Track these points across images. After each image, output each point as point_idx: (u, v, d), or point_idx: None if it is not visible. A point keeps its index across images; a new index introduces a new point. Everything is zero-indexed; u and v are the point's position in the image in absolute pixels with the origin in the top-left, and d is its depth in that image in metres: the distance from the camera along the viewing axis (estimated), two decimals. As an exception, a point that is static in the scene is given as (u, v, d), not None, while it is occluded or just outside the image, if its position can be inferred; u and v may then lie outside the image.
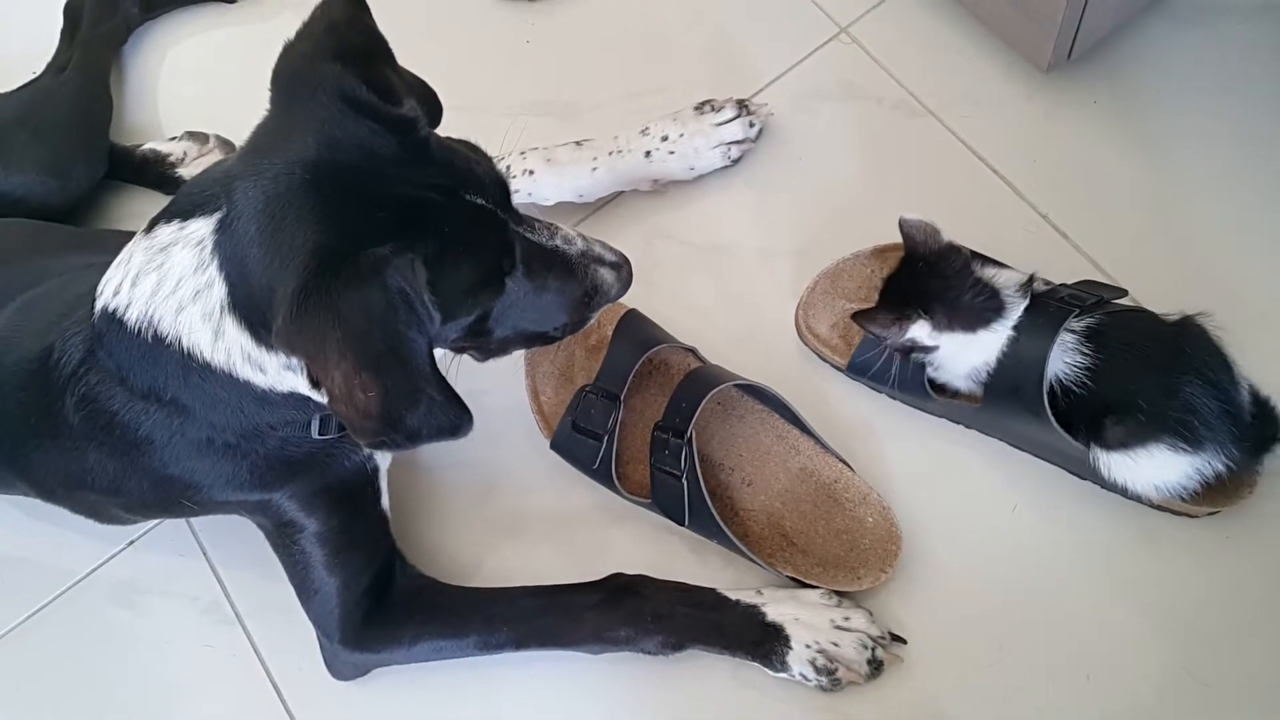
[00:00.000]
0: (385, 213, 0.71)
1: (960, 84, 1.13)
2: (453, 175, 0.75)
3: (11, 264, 0.98)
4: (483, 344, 0.83)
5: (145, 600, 1.04)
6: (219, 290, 0.74)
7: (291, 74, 0.74)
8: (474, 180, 0.76)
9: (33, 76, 1.22)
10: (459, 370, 1.05)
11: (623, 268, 0.84)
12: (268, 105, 0.76)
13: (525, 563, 1.00)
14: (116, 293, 0.79)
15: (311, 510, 0.90)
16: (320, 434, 0.87)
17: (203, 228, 0.74)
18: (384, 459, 0.96)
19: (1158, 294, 0.97)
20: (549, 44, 1.22)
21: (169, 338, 0.77)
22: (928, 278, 0.90)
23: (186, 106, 1.25)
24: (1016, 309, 0.89)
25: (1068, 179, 1.07)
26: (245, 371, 0.78)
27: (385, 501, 0.95)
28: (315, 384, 0.77)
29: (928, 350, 0.91)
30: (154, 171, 1.19)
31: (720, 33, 1.20)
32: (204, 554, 1.05)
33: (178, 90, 1.27)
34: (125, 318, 0.78)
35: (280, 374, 0.78)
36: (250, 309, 0.74)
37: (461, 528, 1.03)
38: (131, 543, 1.06)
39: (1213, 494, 0.89)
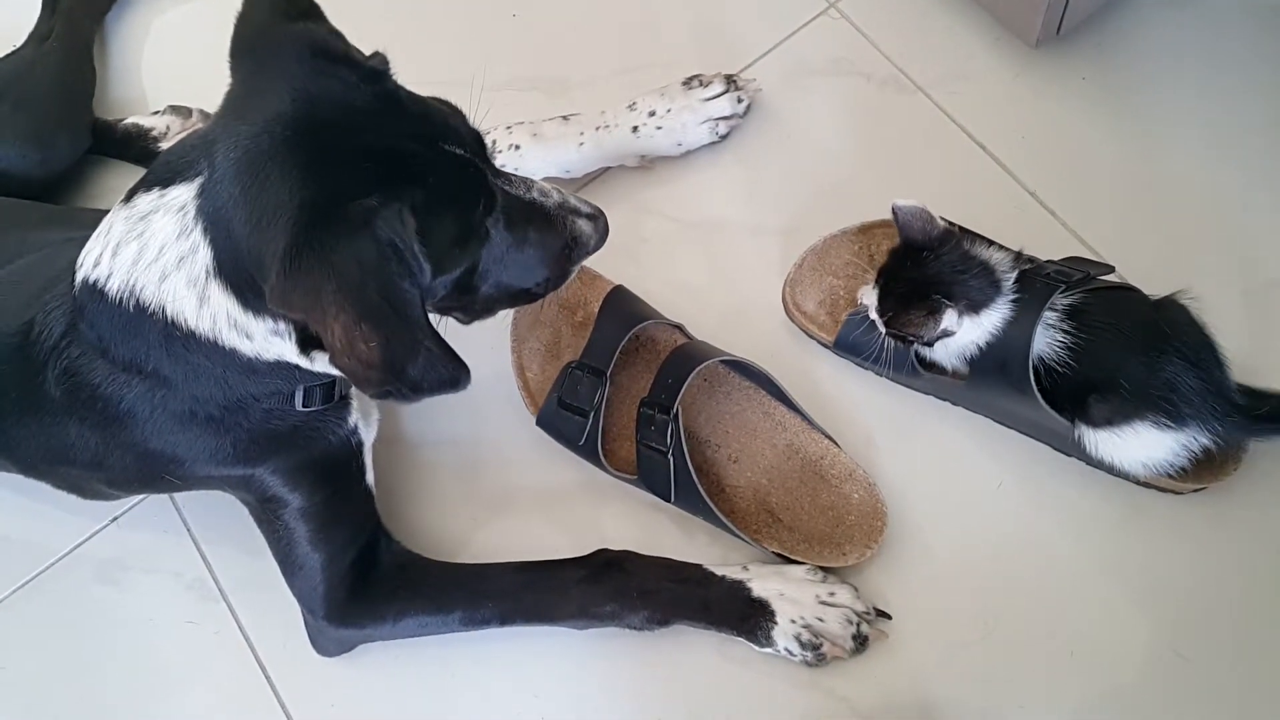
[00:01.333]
0: (369, 164, 0.70)
1: (949, 60, 1.12)
2: (430, 126, 0.75)
3: None
4: (468, 302, 0.82)
5: (128, 577, 1.03)
6: (204, 255, 0.73)
7: (254, 37, 0.74)
8: (451, 131, 0.76)
9: (13, 49, 1.20)
10: (443, 333, 1.05)
11: (599, 219, 0.84)
12: (230, 75, 0.75)
13: (511, 539, 1.00)
14: (97, 264, 0.78)
15: (295, 485, 0.90)
16: (305, 405, 0.86)
17: (184, 193, 0.73)
18: (368, 433, 0.95)
19: (1144, 271, 0.96)
20: (535, 18, 1.21)
21: (151, 307, 0.76)
22: (937, 265, 0.89)
23: (170, 80, 1.24)
24: (1011, 286, 0.88)
25: (1056, 156, 1.07)
26: (231, 339, 0.77)
27: (370, 477, 0.95)
28: (306, 346, 0.76)
29: (950, 336, 0.89)
30: (136, 146, 1.18)
31: (708, 7, 1.19)
32: (188, 530, 1.05)
33: (162, 63, 1.25)
34: (106, 289, 0.78)
35: (267, 340, 0.77)
36: (237, 272, 0.73)
37: (447, 505, 1.03)
38: (115, 519, 1.06)
39: (1199, 470, 0.89)
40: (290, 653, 0.98)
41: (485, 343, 1.05)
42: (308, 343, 0.77)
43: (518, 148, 1.07)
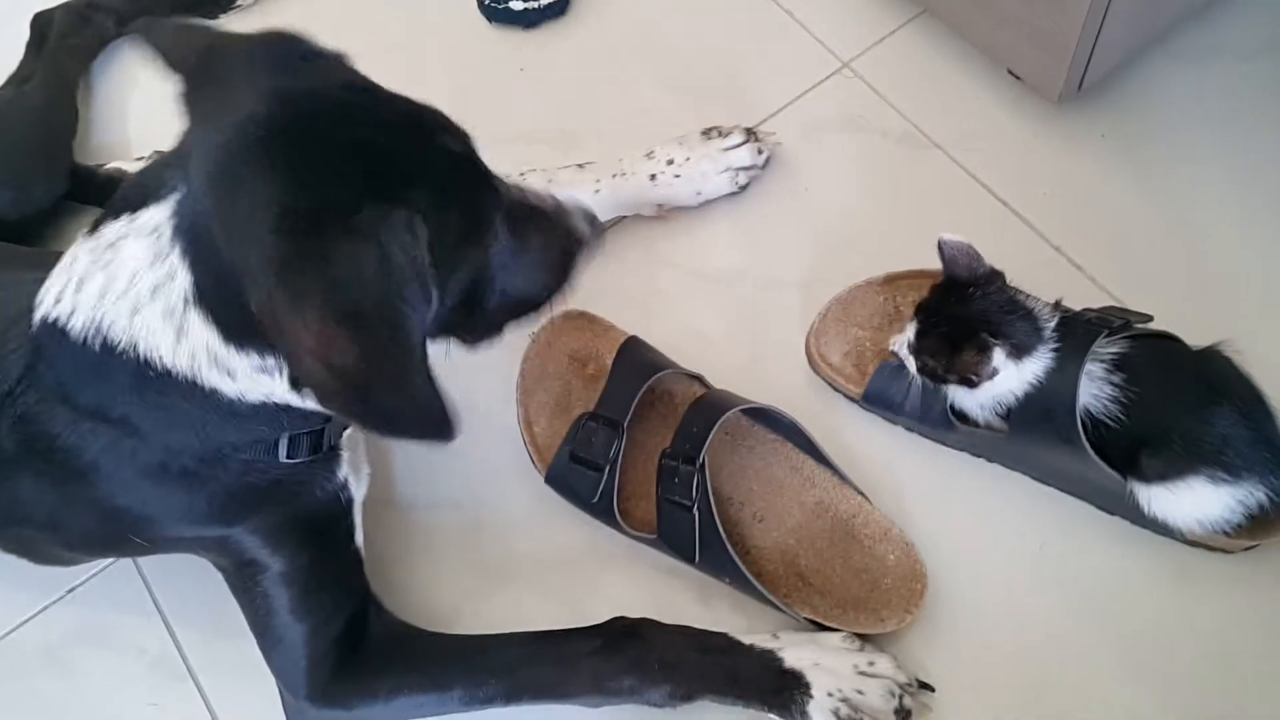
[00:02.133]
0: (360, 161, 0.64)
1: (966, 118, 1.11)
2: (417, 121, 0.68)
3: None
4: (474, 318, 0.75)
5: (85, 653, 0.93)
6: (182, 280, 0.66)
7: (201, 51, 0.68)
8: (441, 126, 0.70)
9: (-7, 90, 1.15)
10: (446, 385, 0.98)
11: (596, 220, 0.80)
12: (184, 101, 0.68)
13: (514, 610, 0.91)
14: (58, 300, 0.71)
15: (277, 547, 0.81)
16: (289, 456, 0.78)
17: (157, 214, 0.66)
18: (359, 490, 0.87)
19: (1176, 325, 0.92)
20: (544, 73, 1.19)
21: (121, 345, 0.68)
22: (983, 303, 0.85)
23: (156, 127, 1.17)
24: (1052, 333, 0.85)
25: (1080, 211, 1.04)
26: (211, 378, 0.69)
27: (359, 538, 0.87)
28: (298, 382, 0.69)
29: (992, 379, 0.85)
30: None
31: (719, 65, 1.17)
32: (153, 600, 0.95)
33: (148, 111, 1.20)
34: (69, 327, 0.70)
35: (252, 378, 0.69)
36: (219, 298, 0.66)
37: (445, 573, 0.94)
38: (71, 590, 0.96)
39: (1253, 527, 0.84)
40: (266, 738, 0.88)
41: (489, 396, 1.00)
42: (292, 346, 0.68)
43: None
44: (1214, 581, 0.88)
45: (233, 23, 1.25)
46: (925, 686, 0.84)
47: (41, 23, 1.20)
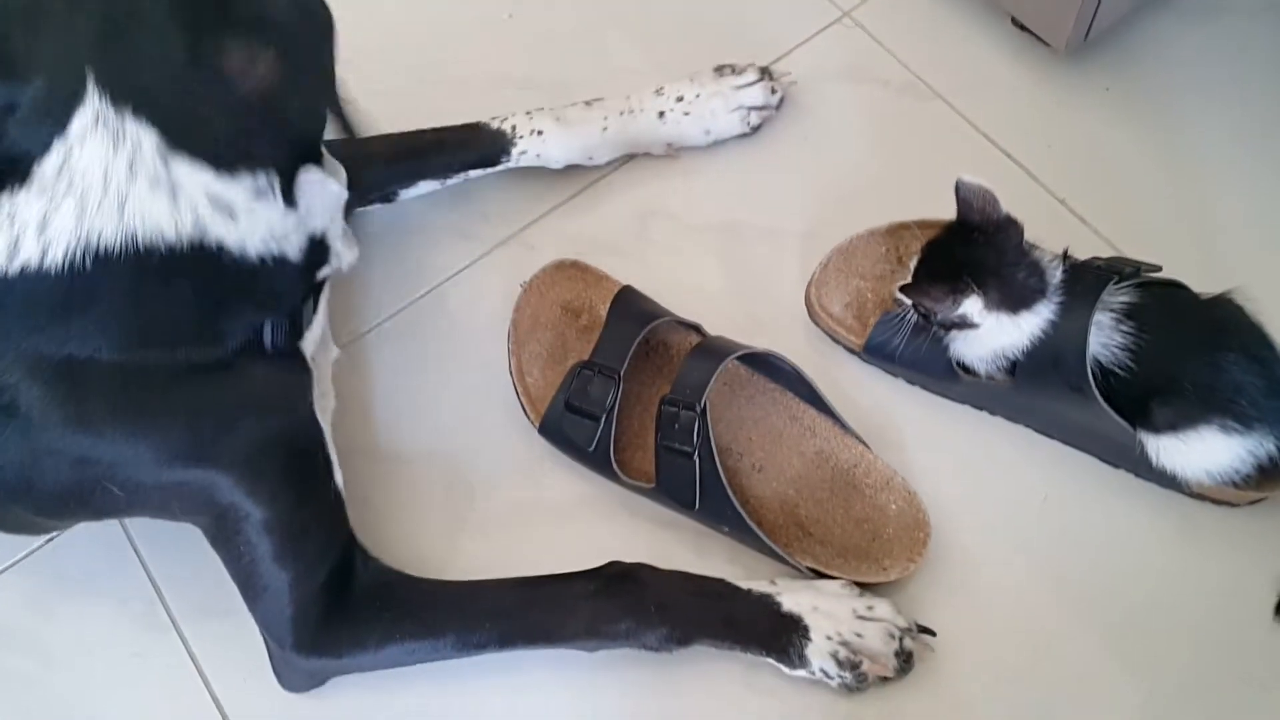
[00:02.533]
0: None
1: (969, 69, 1.09)
2: None
3: None
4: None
5: (66, 604, 0.90)
6: (149, 139, 0.67)
7: None
8: None
9: None
10: (437, 351, 0.96)
11: None
12: None
13: (506, 562, 0.88)
14: (13, 253, 0.69)
15: (255, 489, 0.77)
16: (273, 341, 0.77)
17: (85, 110, 0.66)
18: (325, 420, 0.84)
19: (1179, 275, 0.92)
20: (532, 20, 1.16)
21: (116, 248, 0.68)
22: (983, 250, 0.83)
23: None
24: (1058, 290, 0.83)
25: (1083, 163, 1.03)
26: (216, 227, 0.70)
27: (339, 478, 0.84)
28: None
29: (971, 328, 0.84)
30: None
31: (716, 14, 1.14)
32: (135, 550, 0.92)
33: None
34: (43, 267, 0.68)
35: (251, 212, 0.71)
36: (188, 129, 0.68)
37: (434, 525, 0.92)
38: (52, 539, 0.93)
39: (1261, 479, 0.83)
40: (251, 688, 0.85)
41: (480, 348, 0.97)
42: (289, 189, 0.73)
43: (540, 133, 1.01)
44: (1219, 535, 0.87)
45: None
46: (926, 630, 0.83)
47: None
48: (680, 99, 1.02)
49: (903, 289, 0.85)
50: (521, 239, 1.04)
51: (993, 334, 0.84)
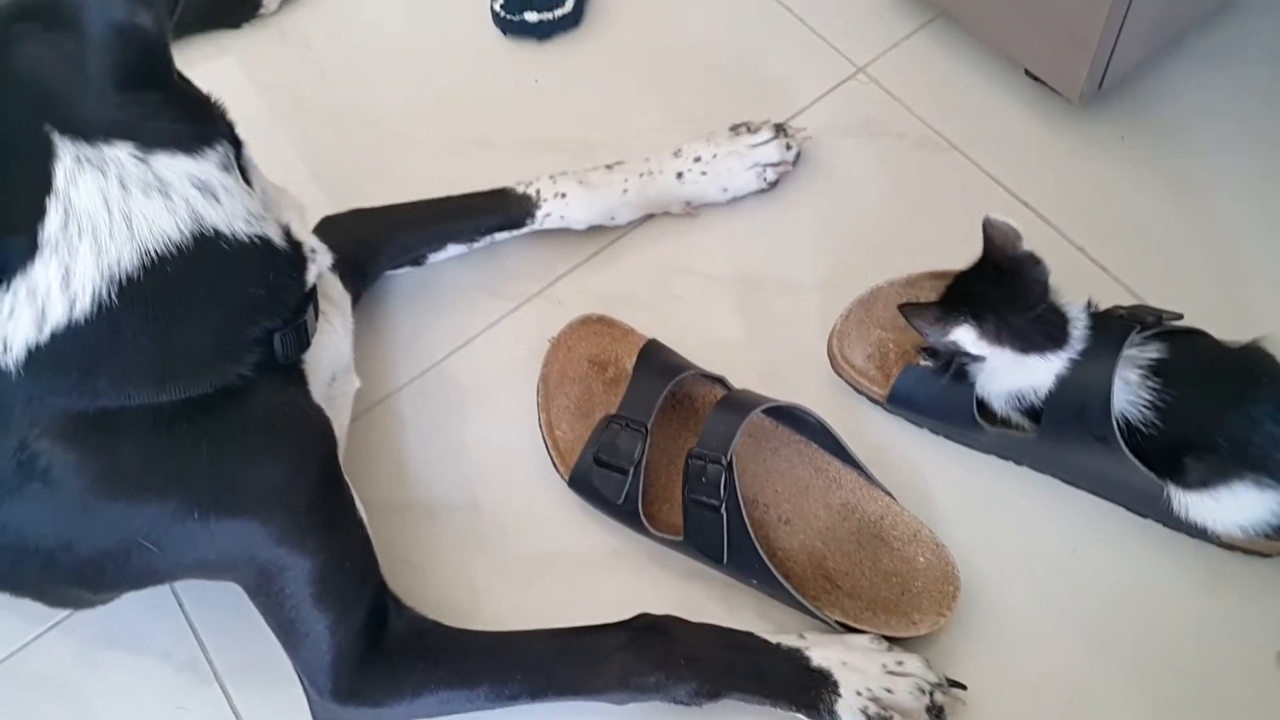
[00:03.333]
0: None
1: (984, 121, 1.11)
2: None
3: None
4: None
5: (112, 657, 0.92)
6: (125, 150, 0.71)
7: None
8: None
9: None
10: (469, 406, 0.99)
11: None
12: None
13: (536, 614, 0.90)
14: (40, 321, 0.71)
15: (286, 530, 0.79)
16: (283, 351, 0.78)
17: (61, 158, 0.70)
18: (341, 435, 0.86)
19: (1199, 322, 0.92)
20: (560, 84, 1.19)
21: (134, 269, 0.71)
22: (991, 283, 0.85)
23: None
24: (1081, 340, 0.84)
25: (1101, 211, 1.04)
26: (206, 212, 0.73)
27: (361, 511, 0.85)
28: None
29: (972, 359, 0.85)
30: None
31: (732, 73, 1.17)
32: (180, 606, 0.94)
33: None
34: (74, 317, 0.71)
35: (226, 186, 0.74)
36: (152, 126, 0.72)
37: (465, 576, 0.94)
38: (97, 596, 0.95)
39: (1290, 529, 0.83)
40: (290, 742, 0.87)
41: (510, 402, 1.00)
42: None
43: (564, 196, 1.04)
44: (1251, 585, 0.86)
45: (254, 32, 1.27)
46: (956, 684, 0.83)
47: None
48: (698, 159, 1.05)
49: (900, 307, 0.87)
50: (548, 295, 1.06)
51: (1007, 372, 0.86)
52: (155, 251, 0.72)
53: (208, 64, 1.24)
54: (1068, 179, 1.07)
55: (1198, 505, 0.82)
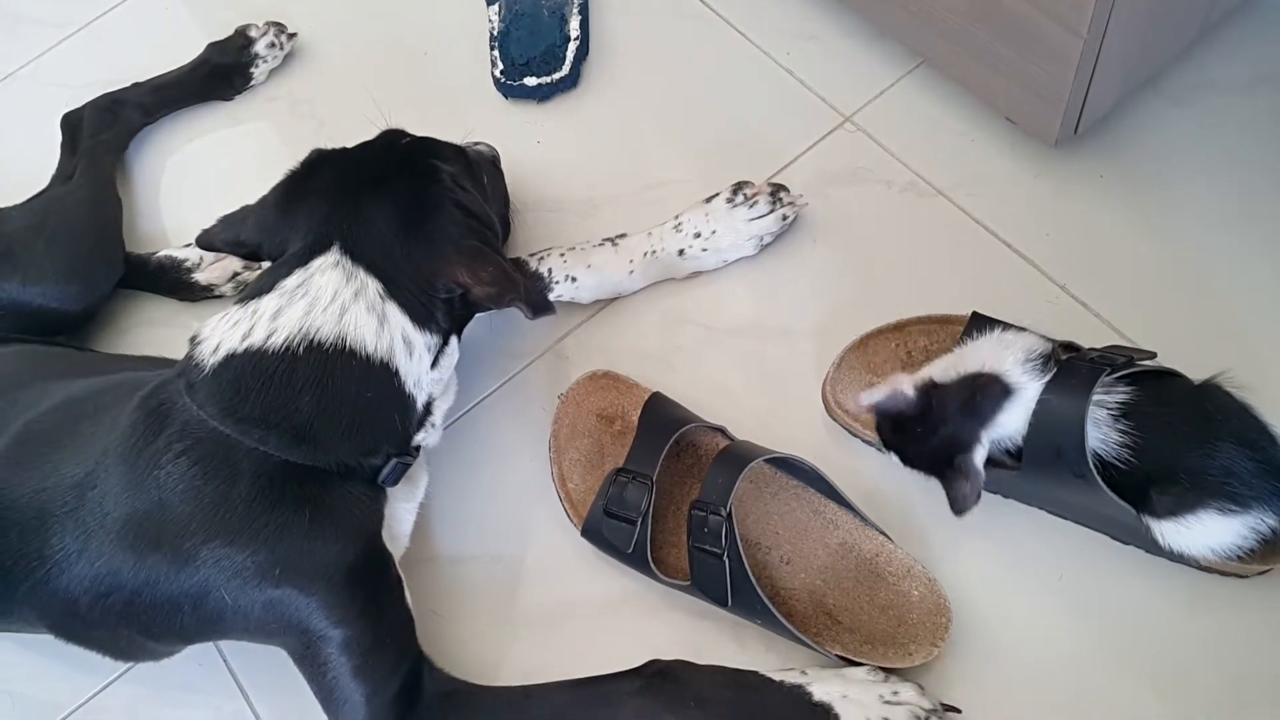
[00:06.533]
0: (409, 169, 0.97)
1: (967, 165, 1.15)
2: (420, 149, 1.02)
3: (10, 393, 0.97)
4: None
5: (165, 712, 0.99)
6: (374, 286, 0.89)
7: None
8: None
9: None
10: (485, 461, 1.05)
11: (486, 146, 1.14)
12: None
13: (556, 657, 0.96)
14: (247, 336, 0.88)
15: (333, 610, 0.87)
16: (389, 479, 0.92)
17: (328, 256, 0.90)
18: (396, 548, 0.94)
19: (1181, 356, 0.96)
20: (560, 144, 1.25)
21: (330, 341, 0.87)
22: (932, 431, 0.90)
23: (192, 211, 1.26)
24: (1032, 371, 0.89)
25: (1082, 250, 1.09)
26: (399, 358, 0.90)
27: (408, 597, 0.92)
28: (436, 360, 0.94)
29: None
30: (170, 278, 1.19)
31: (726, 127, 1.23)
32: (225, 662, 1.01)
33: (182, 195, 1.29)
34: (266, 347, 0.87)
35: (422, 356, 0.91)
36: (402, 294, 0.90)
37: (486, 625, 1.00)
38: (149, 655, 1.02)
39: (1266, 552, 0.87)
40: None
41: (524, 456, 1.05)
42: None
43: (574, 279, 1.10)
44: (1230, 605, 0.91)
45: (247, 100, 1.34)
46: (951, 709, 0.88)
47: (72, 123, 1.27)
48: (698, 234, 1.10)
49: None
50: (557, 350, 1.12)
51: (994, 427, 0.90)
52: (349, 343, 0.88)
53: (211, 135, 1.32)
54: (1049, 218, 1.11)
55: (1171, 533, 0.86)
